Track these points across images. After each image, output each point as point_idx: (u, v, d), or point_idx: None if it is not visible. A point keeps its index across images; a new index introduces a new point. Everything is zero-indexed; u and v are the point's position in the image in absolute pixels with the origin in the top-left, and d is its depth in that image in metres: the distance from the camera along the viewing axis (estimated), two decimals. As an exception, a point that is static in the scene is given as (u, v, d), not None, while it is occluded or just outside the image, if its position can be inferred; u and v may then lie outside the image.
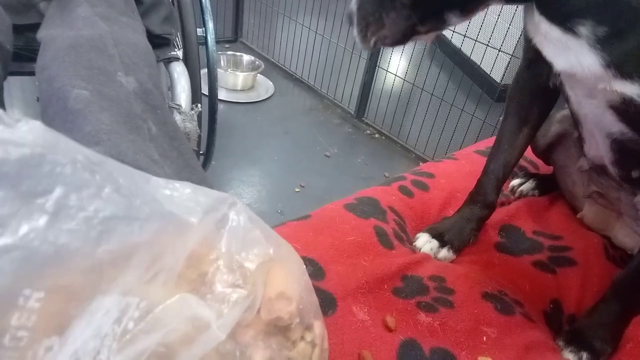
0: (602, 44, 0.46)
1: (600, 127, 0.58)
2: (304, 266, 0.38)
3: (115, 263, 0.24)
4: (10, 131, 0.22)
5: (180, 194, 0.29)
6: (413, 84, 2.16)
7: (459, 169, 0.88)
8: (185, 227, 0.28)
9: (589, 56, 0.47)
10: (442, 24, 0.54)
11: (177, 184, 0.29)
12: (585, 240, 0.76)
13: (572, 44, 0.48)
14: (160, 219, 0.26)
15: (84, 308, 0.23)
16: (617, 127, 0.54)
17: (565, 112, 0.80)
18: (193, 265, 0.29)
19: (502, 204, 0.83)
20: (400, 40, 0.56)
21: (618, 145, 0.58)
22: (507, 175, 0.73)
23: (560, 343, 0.58)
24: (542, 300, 0.64)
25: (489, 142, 1.01)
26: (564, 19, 0.47)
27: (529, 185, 0.89)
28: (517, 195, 0.88)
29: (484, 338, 0.54)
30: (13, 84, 1.60)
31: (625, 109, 0.50)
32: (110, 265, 0.24)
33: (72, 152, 0.24)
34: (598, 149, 0.63)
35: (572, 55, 0.48)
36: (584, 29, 0.46)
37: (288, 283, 0.34)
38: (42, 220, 0.22)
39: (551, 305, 0.65)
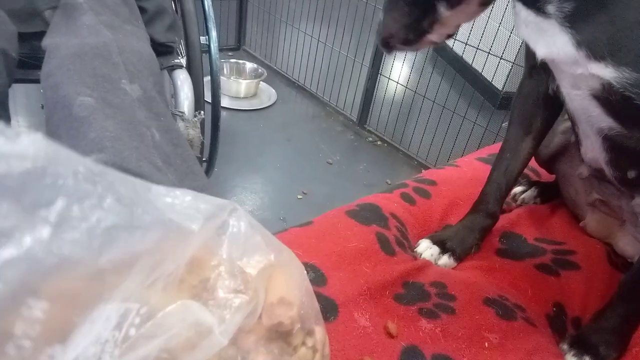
0: (571, 21, 0.46)
1: (591, 124, 0.57)
2: (305, 272, 0.38)
3: (117, 271, 0.24)
4: (12, 144, 0.22)
5: (181, 202, 0.29)
6: (415, 92, 2.17)
7: (460, 176, 0.88)
8: (186, 234, 0.28)
9: (560, 36, 0.47)
10: (437, 16, 0.57)
11: (178, 192, 0.30)
12: (588, 246, 0.76)
13: (545, 25, 0.48)
14: (162, 227, 0.26)
15: (86, 316, 0.24)
16: (605, 121, 0.54)
17: (569, 123, 0.80)
18: (194, 272, 0.29)
19: (503, 212, 0.83)
20: (410, 39, 0.60)
21: (610, 143, 0.58)
22: (511, 184, 0.73)
23: (564, 347, 0.58)
24: (544, 304, 0.64)
25: (491, 149, 1.01)
26: (534, 0, 0.47)
27: (530, 193, 0.89)
28: (518, 202, 0.88)
29: (486, 344, 0.54)
30: (18, 91, 1.61)
31: (607, 98, 0.49)
32: (113, 273, 0.24)
33: (73, 163, 0.24)
34: (593, 150, 0.63)
35: (548, 37, 0.48)
36: (551, 7, 0.47)
37: (289, 288, 0.35)
38: (45, 232, 0.22)
39: (554, 309, 0.64)
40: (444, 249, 0.68)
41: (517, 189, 0.89)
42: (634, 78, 0.44)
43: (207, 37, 1.14)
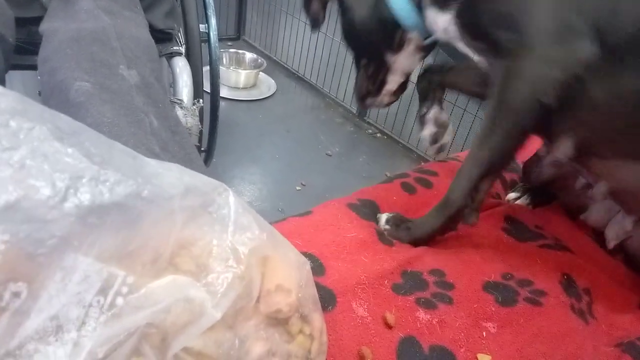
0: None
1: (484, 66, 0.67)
2: (304, 258, 0.38)
3: (85, 221, 0.24)
4: None
5: (165, 172, 0.29)
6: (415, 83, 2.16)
7: None
8: (163, 198, 0.28)
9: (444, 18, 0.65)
10: (388, 64, 0.78)
11: (165, 164, 0.29)
12: (584, 240, 0.76)
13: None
14: (133, 184, 0.26)
15: (54, 260, 0.23)
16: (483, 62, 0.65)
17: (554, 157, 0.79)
18: (185, 248, 0.29)
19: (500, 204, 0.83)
20: (374, 91, 0.83)
21: None
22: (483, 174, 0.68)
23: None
24: (554, 273, 0.64)
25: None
26: (444, 5, 0.64)
27: (523, 200, 0.88)
28: None
29: (484, 333, 0.53)
30: (14, 78, 1.60)
31: (465, 34, 0.64)
32: (80, 221, 0.24)
33: (41, 118, 0.24)
34: None
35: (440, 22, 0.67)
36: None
37: (287, 274, 0.34)
38: (6, 172, 0.22)
39: (565, 277, 0.65)
40: (397, 227, 0.67)
41: (511, 195, 0.88)
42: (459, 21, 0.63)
43: (206, 25, 1.13)
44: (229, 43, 2.84)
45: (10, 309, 0.22)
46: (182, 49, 1.02)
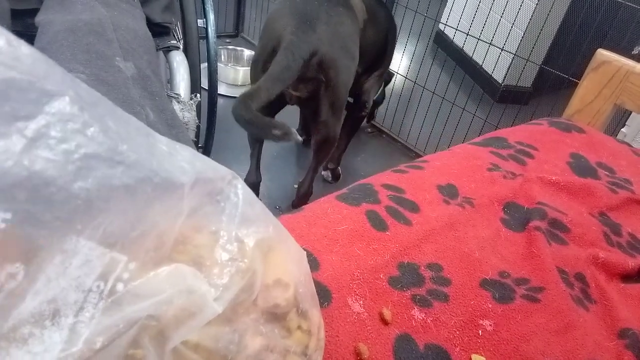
0: None
1: None
2: (304, 252, 0.37)
3: (91, 204, 0.23)
4: (9, 51, 0.21)
5: (177, 154, 0.28)
6: (414, 82, 2.15)
7: (452, 155, 0.88)
8: (174, 185, 0.27)
9: None
10: None
11: (178, 145, 0.29)
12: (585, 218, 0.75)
13: None
14: (147, 169, 0.25)
15: (54, 242, 0.22)
16: None
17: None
18: (191, 237, 0.29)
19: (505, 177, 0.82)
20: None
21: None
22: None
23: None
24: (550, 267, 0.63)
25: (486, 135, 1.00)
26: None
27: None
28: None
29: (480, 332, 0.53)
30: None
31: None
32: (87, 204, 0.23)
33: (65, 85, 0.23)
34: None
35: None
36: None
37: (286, 269, 0.34)
38: (18, 143, 0.21)
39: (559, 269, 0.64)
40: None
41: None
42: None
43: (204, 20, 1.12)
44: (228, 40, 2.83)
45: (5, 291, 0.21)
46: (180, 44, 1.02)
